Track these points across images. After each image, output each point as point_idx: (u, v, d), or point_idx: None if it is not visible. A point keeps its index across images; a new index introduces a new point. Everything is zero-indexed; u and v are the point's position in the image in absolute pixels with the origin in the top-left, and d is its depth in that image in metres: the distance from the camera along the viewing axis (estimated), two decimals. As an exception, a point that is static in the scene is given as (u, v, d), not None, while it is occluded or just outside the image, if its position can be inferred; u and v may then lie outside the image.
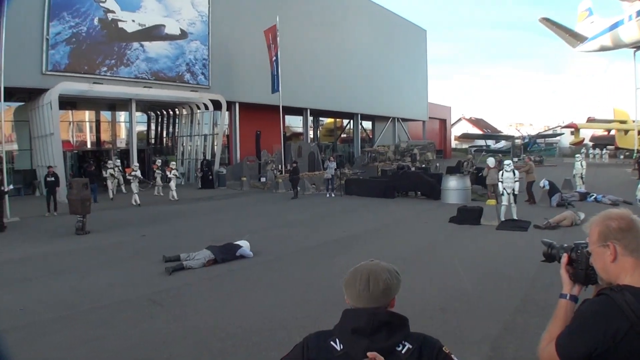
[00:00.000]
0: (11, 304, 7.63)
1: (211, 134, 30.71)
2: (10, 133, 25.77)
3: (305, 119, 40.24)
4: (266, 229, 14.37)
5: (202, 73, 30.79)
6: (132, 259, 10.76)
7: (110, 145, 32.10)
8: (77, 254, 11.45)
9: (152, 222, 16.27)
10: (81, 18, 25.12)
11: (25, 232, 14.73)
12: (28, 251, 11.85)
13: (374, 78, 45.35)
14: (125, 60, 27.20)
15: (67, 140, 28.77)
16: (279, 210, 18.80)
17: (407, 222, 15.47)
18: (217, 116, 30.89)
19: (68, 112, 28.99)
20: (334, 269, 9.19)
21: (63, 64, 24.44)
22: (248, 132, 33.37)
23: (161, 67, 28.82)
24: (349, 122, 49.44)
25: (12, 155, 25.34)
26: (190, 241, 12.30)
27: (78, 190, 14.13)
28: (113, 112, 32.11)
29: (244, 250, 10.49)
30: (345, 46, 41.98)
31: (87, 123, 31.40)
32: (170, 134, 35.28)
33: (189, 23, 30.09)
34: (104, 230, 14.56)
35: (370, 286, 1.93)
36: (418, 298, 7.30)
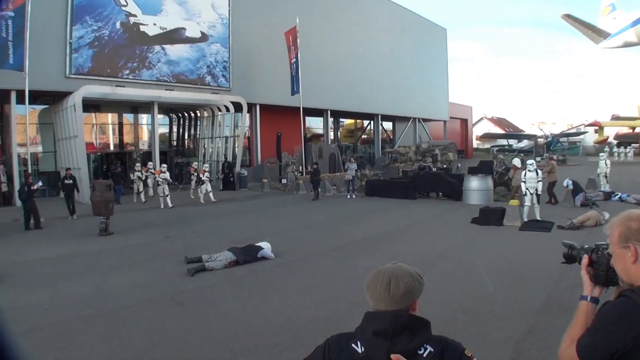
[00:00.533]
0: (36, 303, 7.75)
1: (232, 135, 30.87)
2: (35, 135, 26.16)
3: (325, 120, 40.28)
4: (287, 230, 14.41)
5: (222, 75, 30.95)
6: (155, 259, 10.84)
7: (133, 147, 32.45)
8: (101, 254, 11.60)
9: (175, 223, 16.39)
10: (103, 22, 25.41)
11: (50, 232, 14.96)
12: (53, 251, 12.03)
13: (394, 78, 45.15)
14: (147, 63, 27.47)
15: (91, 142, 29.13)
16: (300, 212, 18.84)
17: (429, 224, 15.37)
18: (238, 118, 31.01)
19: (91, 114, 29.39)
20: (355, 271, 9.17)
21: (86, 67, 24.75)
22: (269, 134, 33.48)
23: (182, 70, 29.04)
24: (370, 123, 49.30)
25: (36, 157, 25.77)
26: (212, 242, 12.38)
27: (101, 192, 14.32)
28: (135, 115, 32.46)
29: (265, 251, 10.52)
30: (365, 46, 41.88)
31: (110, 125, 31.79)
32: (192, 136, 35.53)
33: (209, 26, 30.28)
34: (127, 232, 14.71)
35: (391, 289, 1.92)
36: (440, 300, 7.24)
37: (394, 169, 32.98)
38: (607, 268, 2.02)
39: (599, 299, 2.06)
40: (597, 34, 50.58)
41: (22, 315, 7.20)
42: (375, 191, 23.31)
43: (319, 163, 26.82)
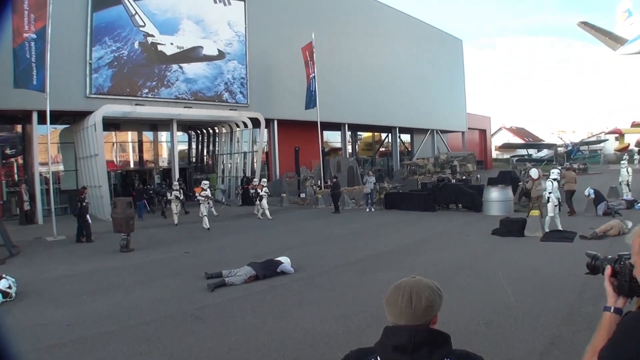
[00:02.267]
0: (59, 320, 7.81)
1: (250, 151, 31.04)
2: (57, 154, 26.65)
3: (343, 133, 40.35)
4: (307, 244, 14.38)
5: (240, 92, 31.21)
6: (175, 275, 10.87)
7: (153, 164, 32.78)
8: (122, 270, 11.68)
9: (194, 239, 16.48)
10: (122, 42, 25.89)
11: (71, 249, 15.12)
12: (74, 268, 12.15)
13: (411, 90, 45.19)
14: (166, 82, 27.84)
15: (111, 160, 29.56)
16: (319, 226, 18.81)
17: (449, 235, 15.19)
18: (256, 134, 31.20)
19: (111, 133, 29.82)
20: (375, 285, 9.12)
21: (106, 87, 25.18)
22: (287, 149, 33.61)
23: (200, 88, 29.36)
24: (387, 136, 49.27)
25: (58, 176, 26.16)
26: (232, 258, 12.41)
27: (122, 209, 14.45)
28: (155, 132, 32.83)
29: (285, 266, 10.50)
30: (381, 59, 42.01)
31: (130, 143, 32.22)
32: (211, 152, 35.82)
33: (226, 43, 30.62)
34: (148, 248, 14.82)
35: (413, 303, 1.91)
36: (461, 312, 7.16)
37: (412, 181, 32.87)
38: (630, 278, 1.99)
39: (623, 309, 2.02)
40: (614, 41, 50.15)
41: (45, 331, 7.29)
42: (394, 204, 23.23)
43: (337, 177, 26.83)
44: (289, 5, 34.12)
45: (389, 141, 49.21)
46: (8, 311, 8.49)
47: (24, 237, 17.72)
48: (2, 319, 7.62)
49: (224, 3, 30.63)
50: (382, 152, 50.75)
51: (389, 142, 49.54)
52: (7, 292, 9.07)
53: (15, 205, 23.40)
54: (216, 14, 30.21)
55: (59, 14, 20.43)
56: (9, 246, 14.57)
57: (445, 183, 23.88)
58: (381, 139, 50.59)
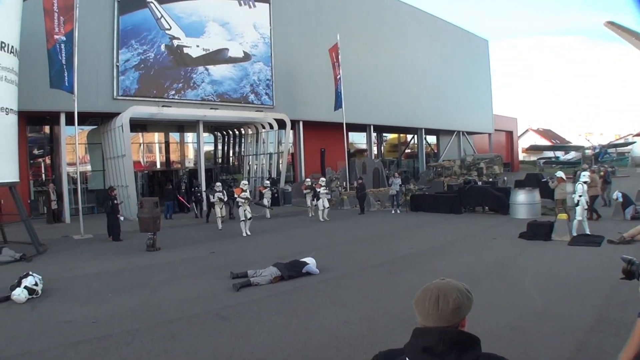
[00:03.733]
0: (85, 317, 7.88)
1: (276, 152, 31.10)
2: (84, 155, 27.13)
3: (368, 135, 40.18)
4: (332, 245, 14.33)
5: (266, 93, 31.30)
6: (201, 274, 10.91)
7: (179, 165, 33.09)
8: (148, 269, 11.76)
9: (220, 239, 16.57)
10: (148, 45, 26.17)
11: (98, 248, 15.30)
12: (101, 267, 12.28)
13: (437, 92, 44.85)
14: (192, 84, 28.04)
15: (138, 160, 29.93)
16: (345, 227, 18.73)
17: (475, 238, 15.00)
18: (281, 135, 31.28)
19: (138, 134, 30.22)
20: (400, 287, 9.04)
21: (133, 89, 25.48)
22: (312, 150, 33.65)
23: (226, 89, 29.52)
24: (413, 137, 48.96)
25: (85, 176, 26.66)
26: (257, 258, 12.43)
27: (149, 209, 14.58)
28: (181, 133, 33.15)
29: (310, 267, 10.45)
30: (406, 61, 41.77)
31: (157, 144, 32.60)
32: (237, 153, 36.01)
33: (251, 45, 30.74)
34: (174, 247, 14.93)
35: (440, 305, 1.88)
36: (487, 316, 7.03)
37: (438, 183, 32.58)
38: None
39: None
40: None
41: (70, 328, 7.35)
42: (420, 206, 23.08)
43: (363, 178, 26.74)
44: (313, 7, 34.14)
45: (415, 143, 48.88)
46: (34, 308, 8.61)
47: (51, 235, 18.02)
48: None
49: (249, 5, 30.77)
50: (408, 154, 50.48)
51: (414, 144, 49.22)
52: (34, 289, 9.19)
53: (43, 204, 23.85)
54: (241, 16, 30.35)
55: (86, 17, 20.81)
56: (36, 244, 14.83)
57: (471, 185, 23.61)
58: (407, 141, 50.33)
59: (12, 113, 14.80)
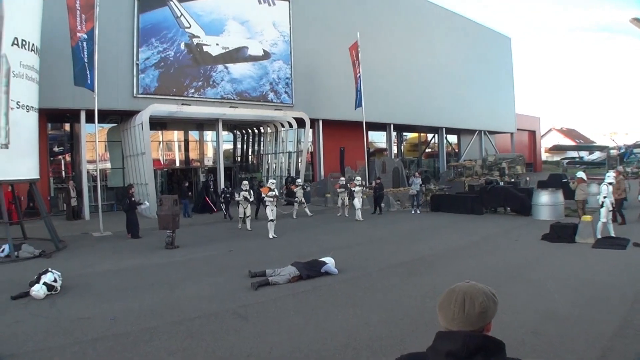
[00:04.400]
0: (104, 314, 7.95)
1: (295, 151, 31.18)
2: (104, 152, 27.37)
3: (388, 134, 40.01)
4: (351, 246, 14.30)
5: (285, 92, 31.33)
6: (219, 273, 10.96)
7: (198, 163, 33.24)
8: (167, 267, 11.84)
9: (238, 237, 16.62)
10: (168, 43, 26.33)
11: (117, 245, 15.43)
12: (120, 264, 12.39)
13: (459, 90, 44.47)
14: (211, 82, 28.17)
15: (157, 158, 30.10)
16: (364, 227, 18.67)
17: (497, 240, 14.87)
18: (300, 133, 31.27)
19: (158, 132, 30.37)
20: (420, 289, 8.99)
21: (152, 87, 25.67)
22: (332, 149, 33.60)
23: (245, 88, 29.60)
24: (434, 137, 48.65)
25: (105, 174, 26.91)
26: (276, 257, 12.48)
27: (169, 207, 14.67)
28: (200, 132, 33.28)
29: (328, 267, 10.43)
30: (427, 59, 41.50)
31: (176, 142, 32.74)
32: (256, 152, 36.11)
33: (271, 43, 30.79)
34: (192, 245, 15.02)
35: (466, 308, 1.86)
36: (510, 321, 6.94)
37: (459, 183, 32.38)
38: None
39: None
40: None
41: (89, 325, 7.41)
42: (440, 206, 22.98)
43: (381, 178, 26.63)
44: (333, 4, 34.06)
45: (436, 142, 48.57)
46: (53, 304, 8.70)
47: (70, 232, 18.23)
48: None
49: (269, 3, 30.82)
50: (429, 153, 50.16)
51: (435, 143, 48.90)
52: (53, 285, 9.29)
53: (63, 201, 24.09)
54: (261, 14, 30.41)
55: (106, 15, 21.05)
56: (56, 241, 15.04)
57: (493, 186, 23.43)
58: (427, 140, 50.03)
59: (33, 111, 14.95)
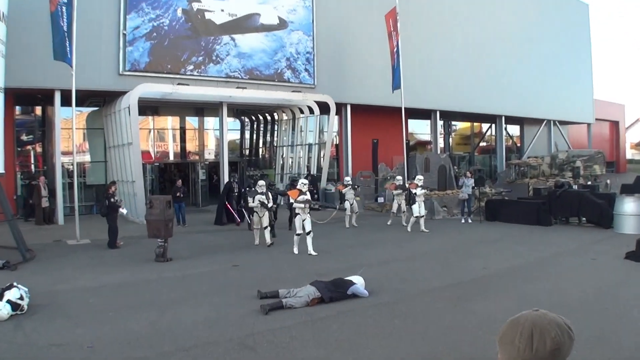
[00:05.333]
0: (78, 340, 8.01)
1: (317, 143, 31.18)
2: (82, 142, 27.60)
3: (433, 123, 39.74)
4: (385, 262, 14.32)
5: (305, 69, 31.35)
6: (221, 293, 11.01)
7: (197, 156, 33.43)
8: (157, 284, 11.95)
9: (245, 248, 16.74)
10: (162, 9, 26.40)
11: (97, 256, 15.58)
12: (101, 279, 12.49)
13: (522, 70, 43.94)
14: (215, 57, 28.27)
15: (147, 150, 30.41)
16: (401, 239, 18.67)
17: (568, 258, 14.74)
18: (324, 121, 31.28)
19: (148, 118, 30.69)
20: (471, 318, 8.95)
21: (142, 62, 25.83)
22: (362, 141, 33.52)
23: (256, 64, 29.68)
24: (490, 127, 48.28)
25: (83, 168, 27.14)
26: (291, 274, 12.56)
27: (161, 210, 14.71)
28: (200, 118, 33.53)
29: (357, 287, 10.41)
30: (484, 31, 41.07)
31: (170, 131, 33.04)
32: (268, 144, 36.30)
33: (288, 10, 30.78)
34: (189, 257, 15.14)
35: (535, 344, 1.83)
36: (587, 357, 6.87)
37: (522, 185, 32.19)
38: None
39: None
40: None
41: (61, 354, 7.49)
42: (497, 214, 22.90)
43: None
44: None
45: (492, 134, 48.19)
46: (19, 326, 8.78)
47: (40, 239, 18.41)
48: None
49: (287, -42, 30.87)
50: (483, 148, 49.86)
51: (492, 135, 48.54)
52: (18, 303, 9.33)
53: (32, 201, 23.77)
54: (277, -28, 30.51)
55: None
56: (23, 250, 15.04)
57: (564, 189, 23.17)
58: (482, 131, 49.72)
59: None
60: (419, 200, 20.37)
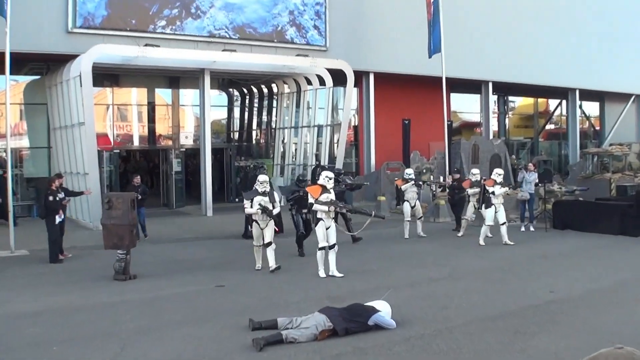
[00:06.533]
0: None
1: (328, 124, 31.21)
2: (19, 122, 27.69)
3: (484, 99, 39.69)
4: (419, 282, 14.31)
5: (314, 26, 31.30)
6: (201, 321, 10.99)
7: (170, 141, 33.35)
8: (116, 309, 11.91)
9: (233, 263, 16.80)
10: (125, -56, 26.49)
11: (38, 272, 15.63)
12: (43, 302, 12.46)
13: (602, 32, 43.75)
14: (194, 10, 28.18)
15: (104, 133, 30.42)
16: (439, 253, 18.70)
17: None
18: (338, 96, 31.24)
19: (106, 90, 30.67)
20: (534, 356, 8.93)
21: (99, 16, 25.75)
22: (389, 122, 33.48)
23: (249, 19, 29.60)
24: (560, 105, 48.19)
25: (20, 156, 27.18)
26: (293, 297, 12.50)
27: (123, 211, 14.63)
28: (175, 91, 33.45)
29: (380, 317, 10.33)
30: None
31: (135, 107, 33.05)
32: (264, 125, 36.31)
33: (293, -54, 30.79)
34: (159, 275, 15.19)
35: None
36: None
37: (602, 182, 32.09)
38: None
39: None
40: None
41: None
42: (569, 220, 22.83)
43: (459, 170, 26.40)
44: None
45: (563, 114, 48.13)
46: None
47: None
48: None
49: None
50: (550, 132, 49.78)
51: (562, 116, 48.47)
52: None
53: None
54: None
55: None
56: None
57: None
58: (549, 110, 49.60)
59: None
60: (496, 203, 19.85)
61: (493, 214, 19.80)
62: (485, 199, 20.23)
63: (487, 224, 19.94)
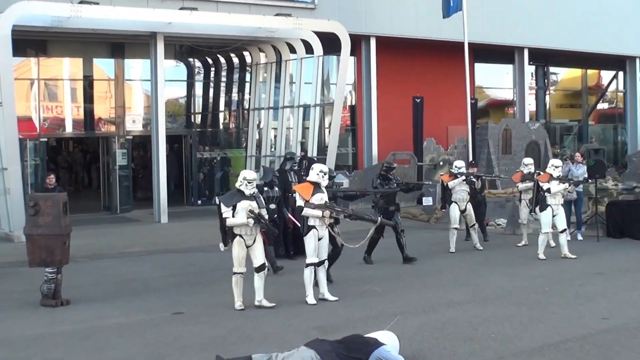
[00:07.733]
0: None
1: (318, 104, 31.12)
2: None
3: (519, 71, 39.80)
4: (435, 307, 14.31)
5: (299, -21, 31.44)
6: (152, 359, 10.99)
7: (114, 127, 33.29)
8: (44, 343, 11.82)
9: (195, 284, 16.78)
10: None
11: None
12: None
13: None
14: (144, -44, 28.27)
15: (28, 116, 30.33)
16: (458, 269, 18.82)
17: None
18: (330, 67, 31.29)
19: (30, 61, 30.61)
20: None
21: (21, -35, 25.78)
22: (396, 100, 33.55)
23: (215, -31, 29.69)
24: (615, 78, 48.30)
25: None
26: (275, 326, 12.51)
27: (54, 217, 14.51)
28: (118, 62, 33.41)
29: (385, 351, 10.32)
30: None
31: (68, 83, 32.91)
32: (234, 105, 36.28)
33: None
34: (98, 299, 15.14)
35: None
36: None
37: (670, 179, 32.22)
38: None
39: None
40: None
41: None
42: (626, 226, 23.00)
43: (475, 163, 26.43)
44: None
45: (618, 89, 48.23)
46: None
47: None
48: None
49: None
50: (603, 113, 49.89)
51: (617, 92, 48.57)
52: None
53: None
54: None
55: None
56: None
57: None
58: (600, 85, 49.68)
59: None
60: (553, 204, 19.60)
61: (550, 218, 19.57)
62: (538, 199, 20.03)
63: (544, 232, 19.70)
